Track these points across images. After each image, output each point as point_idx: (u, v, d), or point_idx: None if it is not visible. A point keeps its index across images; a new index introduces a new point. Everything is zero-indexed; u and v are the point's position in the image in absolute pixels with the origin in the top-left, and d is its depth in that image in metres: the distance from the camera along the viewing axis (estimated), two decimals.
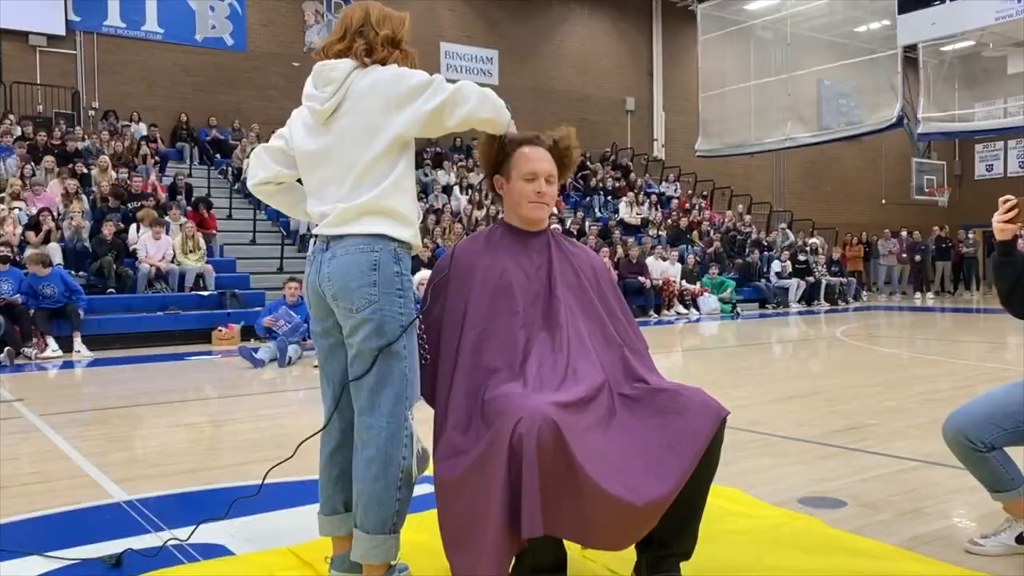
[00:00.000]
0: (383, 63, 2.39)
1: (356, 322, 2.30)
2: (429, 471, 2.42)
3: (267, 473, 2.68)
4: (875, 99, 18.25)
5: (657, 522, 2.15)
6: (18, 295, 9.55)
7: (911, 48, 17.66)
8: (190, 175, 15.25)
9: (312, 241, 2.47)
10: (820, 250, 19.26)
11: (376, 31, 2.40)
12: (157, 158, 15.12)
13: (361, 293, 2.28)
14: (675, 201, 20.49)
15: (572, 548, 2.51)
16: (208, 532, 3.12)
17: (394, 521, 2.32)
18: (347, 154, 2.34)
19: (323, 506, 2.52)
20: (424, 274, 9.70)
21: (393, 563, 2.38)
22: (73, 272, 10.65)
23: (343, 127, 2.35)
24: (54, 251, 10.76)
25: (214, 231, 13.29)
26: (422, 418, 2.44)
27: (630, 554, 2.43)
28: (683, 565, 2.37)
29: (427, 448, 2.38)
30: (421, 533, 2.86)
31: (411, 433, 2.32)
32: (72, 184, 12.23)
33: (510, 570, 2.23)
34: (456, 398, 2.31)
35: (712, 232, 18.87)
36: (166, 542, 2.90)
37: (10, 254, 9.95)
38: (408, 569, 2.57)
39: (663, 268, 15.78)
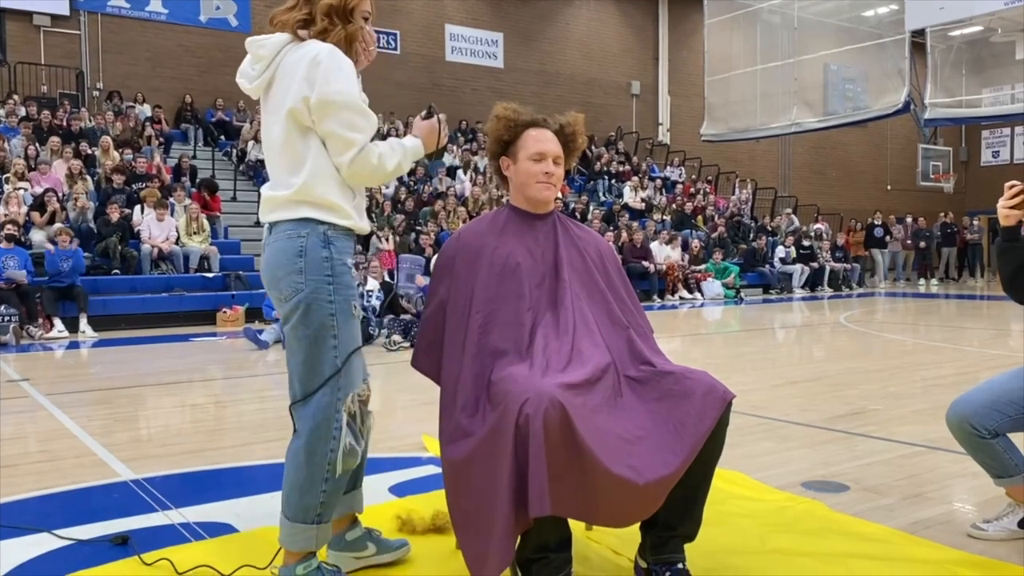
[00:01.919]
0: (323, 37, 2.21)
1: (286, 311, 2.24)
2: (435, 452, 2.43)
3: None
4: (882, 84, 18.16)
5: (662, 502, 2.16)
6: (23, 271, 9.60)
7: (919, 33, 17.54)
8: (194, 157, 15.24)
9: None
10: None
11: None
12: (161, 139, 15.11)
13: (288, 281, 2.20)
14: (680, 186, 20.44)
15: (577, 528, 2.52)
16: (213, 511, 3.15)
17: (318, 512, 2.25)
18: (274, 135, 2.26)
19: None
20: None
21: (313, 551, 2.29)
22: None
23: (272, 107, 2.27)
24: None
25: (218, 213, 13.29)
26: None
27: (634, 535, 2.45)
28: (687, 547, 2.38)
29: (356, 444, 2.27)
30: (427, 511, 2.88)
31: (340, 426, 2.24)
32: (76, 164, 12.22)
33: (515, 549, 2.24)
34: (463, 380, 2.32)
35: (717, 217, 18.84)
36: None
37: (16, 232, 9.98)
38: (408, 544, 2.58)
39: (667, 252, 15.77)
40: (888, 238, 19.75)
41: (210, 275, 11.63)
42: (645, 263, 14.94)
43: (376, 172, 2.22)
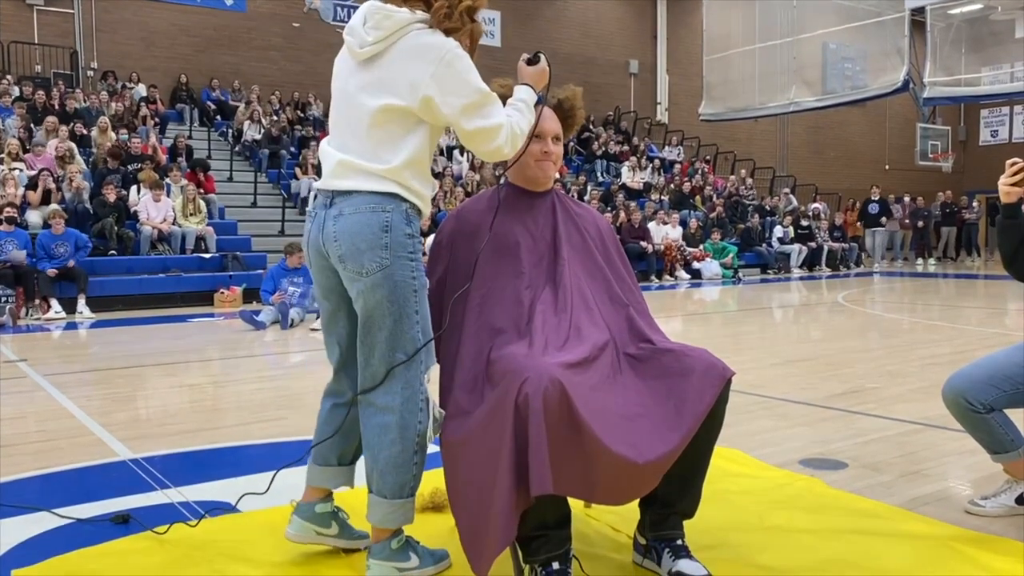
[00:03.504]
0: (449, 32, 2.20)
1: (365, 286, 2.20)
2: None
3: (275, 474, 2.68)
4: (881, 63, 18.06)
5: (660, 480, 2.16)
6: (24, 252, 9.58)
7: (918, 11, 17.43)
8: (190, 137, 15.16)
9: (313, 196, 2.35)
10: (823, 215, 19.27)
11: None
12: (157, 119, 15.02)
13: (371, 256, 2.17)
14: (678, 166, 20.37)
15: (576, 506, 2.52)
16: (214, 490, 3.15)
17: (412, 485, 2.31)
18: (370, 108, 2.19)
19: (316, 456, 2.48)
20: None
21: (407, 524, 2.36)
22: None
23: (378, 79, 2.20)
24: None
25: (211, 193, 13.20)
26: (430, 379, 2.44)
27: (633, 513, 2.45)
28: (686, 524, 2.39)
29: (443, 411, 2.33)
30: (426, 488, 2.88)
31: (427, 398, 2.28)
32: (63, 147, 12.10)
33: (516, 529, 2.23)
34: (462, 358, 2.31)
35: (715, 197, 18.80)
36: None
37: (15, 215, 9.95)
38: (448, 556, 2.46)
39: (665, 233, 15.75)
40: (884, 219, 19.37)
41: (207, 256, 11.61)
42: (643, 243, 14.93)
43: (522, 137, 2.29)
